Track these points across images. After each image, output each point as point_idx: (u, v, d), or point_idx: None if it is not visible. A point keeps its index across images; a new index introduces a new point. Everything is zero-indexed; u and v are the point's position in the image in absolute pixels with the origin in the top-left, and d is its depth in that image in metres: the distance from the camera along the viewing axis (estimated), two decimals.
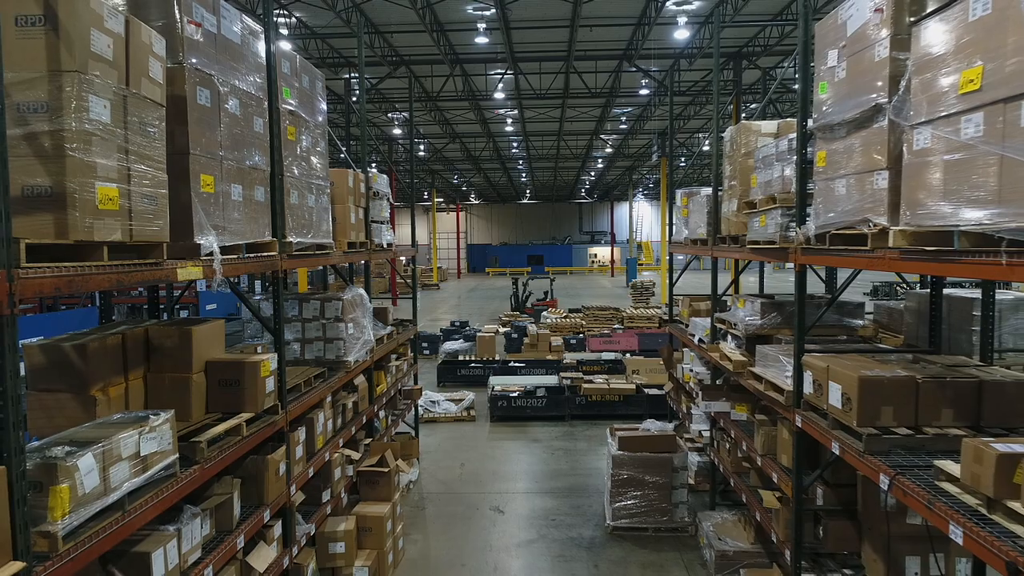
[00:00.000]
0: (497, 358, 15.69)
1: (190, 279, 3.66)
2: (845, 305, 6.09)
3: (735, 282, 8.50)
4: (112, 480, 2.96)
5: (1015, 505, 2.72)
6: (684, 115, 28.25)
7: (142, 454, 3.18)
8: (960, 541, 2.84)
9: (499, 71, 21.69)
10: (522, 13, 16.48)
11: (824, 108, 4.31)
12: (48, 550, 2.58)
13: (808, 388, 4.51)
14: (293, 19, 16.82)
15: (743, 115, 20.81)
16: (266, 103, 4.61)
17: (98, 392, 3.75)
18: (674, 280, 9.96)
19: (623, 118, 29.75)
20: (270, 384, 4.52)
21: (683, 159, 35.76)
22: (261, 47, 4.57)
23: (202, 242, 3.73)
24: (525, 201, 67.13)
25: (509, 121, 29.57)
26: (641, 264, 47.76)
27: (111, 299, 5.32)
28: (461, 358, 15.88)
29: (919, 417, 3.81)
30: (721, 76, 21.00)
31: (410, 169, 11.21)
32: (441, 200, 59.58)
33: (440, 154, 37.31)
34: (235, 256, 4.13)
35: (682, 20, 16.58)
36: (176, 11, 3.61)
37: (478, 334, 17.00)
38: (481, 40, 17.71)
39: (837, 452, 4.02)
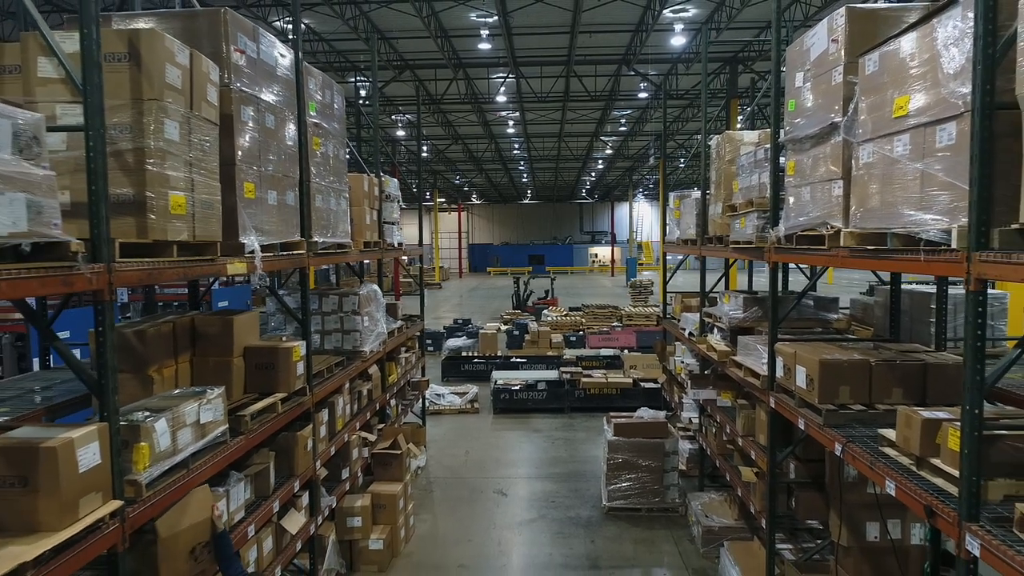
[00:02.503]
0: (499, 354, 16.22)
1: (237, 273, 4.20)
2: (821, 300, 6.63)
3: (725, 278, 9.03)
4: (179, 442, 3.51)
5: (936, 461, 3.26)
6: (683, 117, 28.79)
7: (201, 422, 3.72)
8: (893, 492, 3.38)
9: (501, 75, 22.23)
10: (524, 20, 17.00)
11: (795, 121, 4.84)
12: (134, 495, 3.12)
13: (780, 372, 5.05)
14: (302, 25, 17.34)
15: (740, 117, 21.33)
16: (295, 117, 5.16)
17: (154, 372, 4.28)
18: (668, 279, 10.50)
19: (622, 120, 30.26)
20: (299, 368, 5.06)
21: (682, 160, 36.30)
22: (291, 68, 5.11)
23: (245, 241, 4.28)
24: (526, 201, 67.66)
25: (511, 123, 30.10)
26: (642, 264, 48.27)
27: (154, 296, 5.86)
28: (464, 354, 16.40)
29: (872, 395, 4.34)
30: (717, 80, 21.61)
31: (418, 172, 11.77)
32: (443, 200, 60.09)
33: (442, 155, 37.85)
34: (271, 254, 4.67)
35: (679, 27, 17.11)
36: (224, 42, 4.15)
37: (481, 331, 17.51)
38: (484, 46, 18.24)
39: (802, 427, 4.56)
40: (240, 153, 4.27)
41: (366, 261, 8.11)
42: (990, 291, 5.86)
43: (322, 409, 5.75)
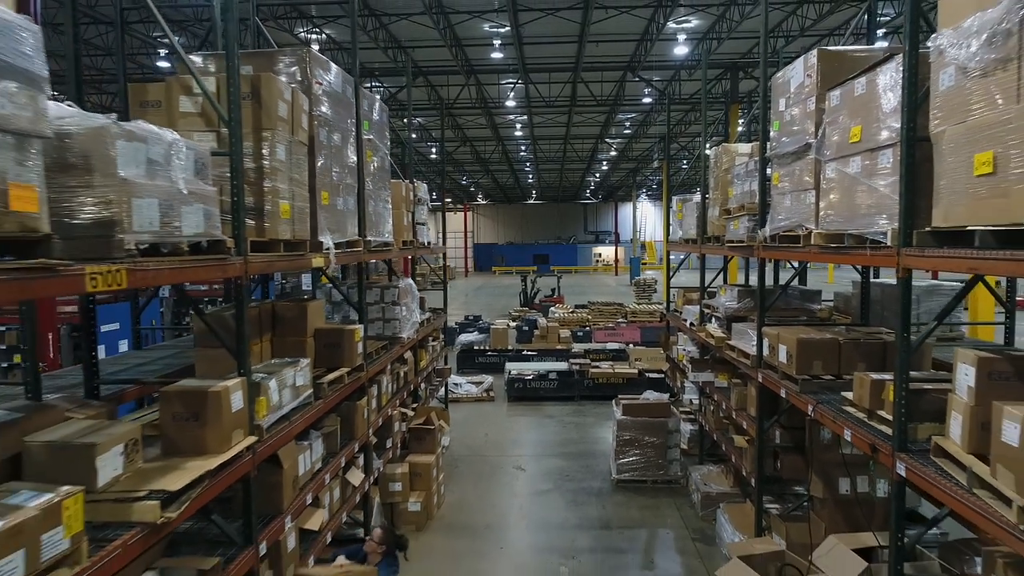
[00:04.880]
0: (510, 348, 17.13)
1: (319, 266, 5.10)
2: (806, 292, 7.52)
3: (724, 273, 9.95)
4: (283, 399, 4.42)
5: (882, 412, 4.16)
6: (685, 120, 29.69)
7: (296, 385, 4.64)
8: (849, 438, 4.28)
9: (511, 80, 23.14)
10: (534, 30, 17.91)
11: (780, 139, 5.73)
12: (258, 437, 4.02)
13: (766, 352, 5.95)
14: (324, 35, 18.28)
15: (740, 120, 22.20)
16: (355, 134, 6.07)
17: (249, 348, 5.18)
18: (671, 275, 11.40)
19: (627, 123, 31.17)
20: (359, 348, 5.97)
21: (685, 162, 37.17)
22: (352, 94, 6.02)
23: (323, 240, 5.18)
24: (531, 201, 68.59)
25: (518, 126, 31.02)
26: (645, 264, 49.13)
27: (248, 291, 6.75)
28: (477, 348, 17.30)
29: (841, 368, 5.24)
30: (719, 86, 22.49)
31: (441, 180, 12.63)
32: (449, 200, 60.99)
33: (451, 157, 38.78)
34: (339, 250, 5.58)
35: (681, 37, 18.02)
36: (308, 76, 5.06)
37: (492, 327, 18.40)
38: (496, 55, 19.16)
39: (784, 395, 5.46)
40: (319, 167, 5.17)
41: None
42: (950, 283, 6.75)
43: (373, 385, 6.66)
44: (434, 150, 36.15)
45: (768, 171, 6.11)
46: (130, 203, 2.86)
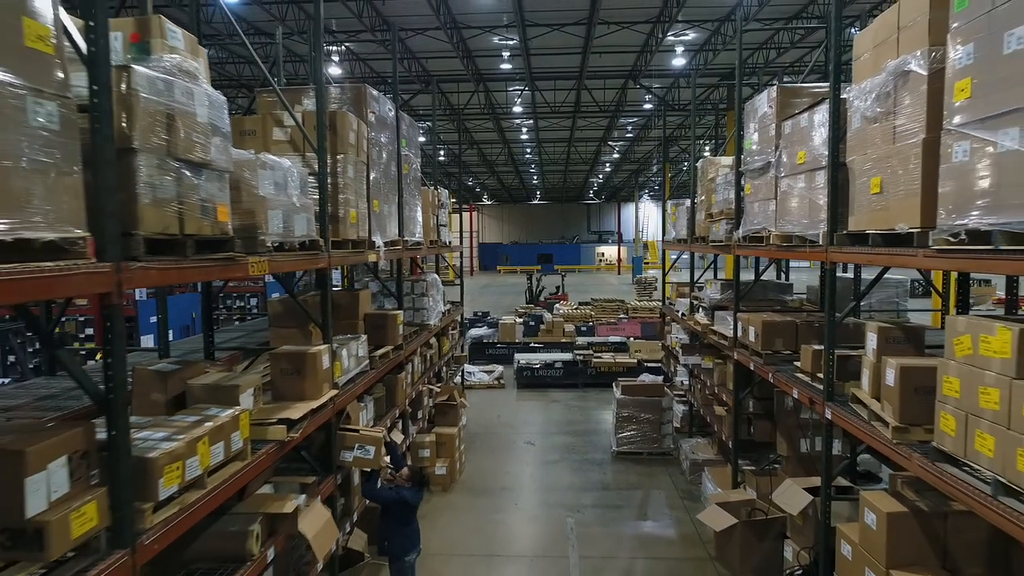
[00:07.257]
0: (517, 341, 18.30)
1: (372, 260, 6.28)
2: (781, 285, 8.69)
3: (714, 269, 11.10)
4: (350, 366, 5.60)
5: (820, 375, 5.31)
6: (686, 124, 30.80)
7: (358, 355, 5.82)
8: (796, 396, 5.45)
9: (518, 88, 24.32)
10: (541, 43, 19.09)
11: (752, 156, 6.89)
12: (337, 391, 5.20)
13: (740, 333, 7.11)
14: (343, 47, 19.46)
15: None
16: (395, 150, 7.24)
17: (312, 328, 6.36)
18: (667, 271, 12.58)
19: (629, 128, 32.32)
20: (400, 330, 7.15)
21: (685, 164, 38.29)
22: (394, 117, 7.20)
23: (375, 240, 6.36)
24: (535, 202, 69.77)
25: (524, 130, 32.19)
26: (647, 263, 50.25)
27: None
28: (486, 341, 18.49)
29: (798, 344, 6.38)
30: (716, 93, 23.62)
31: (459, 184, 13.74)
32: (454, 200, 62.15)
33: (458, 159, 39.98)
34: (385, 248, 6.76)
35: (679, 49, 19.16)
36: (364, 107, 6.24)
37: (500, 322, 19.59)
38: (505, 66, 20.34)
39: (752, 368, 6.63)
40: (372, 180, 6.35)
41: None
42: (894, 276, 7.93)
43: (408, 363, 7.83)
44: (442, 152, 37.32)
45: (742, 183, 7.27)
46: (267, 213, 4.05)
